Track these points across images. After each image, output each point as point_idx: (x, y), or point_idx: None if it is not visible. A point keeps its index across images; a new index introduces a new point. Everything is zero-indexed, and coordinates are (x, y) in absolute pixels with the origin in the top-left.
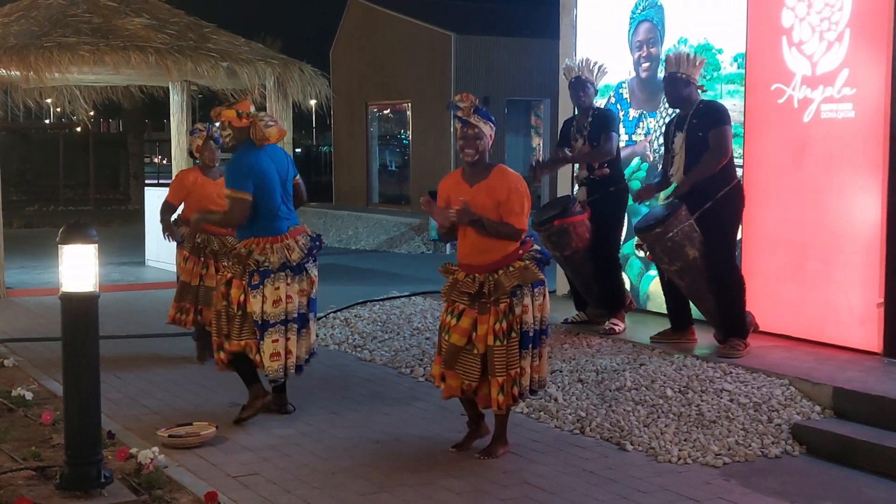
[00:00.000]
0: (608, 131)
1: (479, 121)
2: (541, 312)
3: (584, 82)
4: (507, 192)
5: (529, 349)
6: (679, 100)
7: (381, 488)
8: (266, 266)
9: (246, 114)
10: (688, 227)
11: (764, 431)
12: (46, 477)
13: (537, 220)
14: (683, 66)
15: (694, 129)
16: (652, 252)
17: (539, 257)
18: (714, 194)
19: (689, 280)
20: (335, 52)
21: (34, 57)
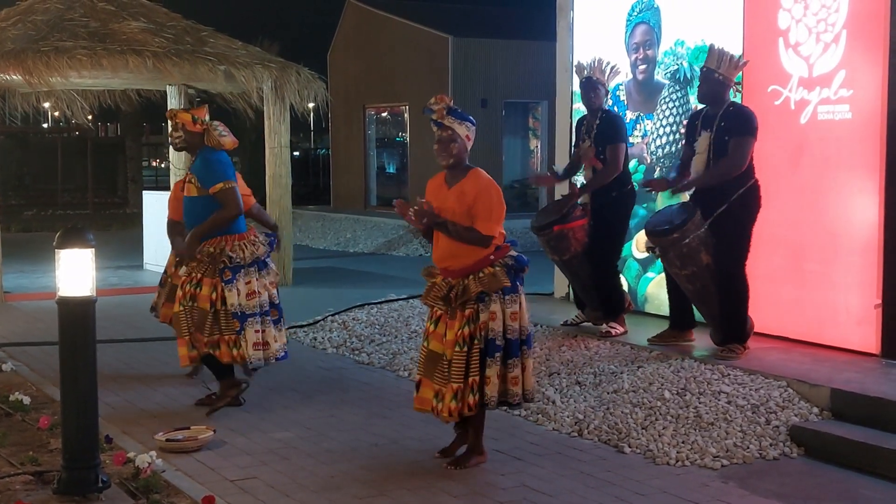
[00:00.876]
0: (615, 142)
1: (452, 122)
2: (515, 321)
3: (595, 83)
4: (474, 197)
5: (497, 358)
6: (711, 98)
7: (379, 492)
8: (237, 262)
9: (201, 120)
10: (703, 233)
11: (762, 433)
12: (44, 482)
13: (536, 224)
14: (724, 66)
15: (721, 132)
16: (664, 256)
17: (512, 264)
18: (729, 196)
19: (700, 285)
20: (332, 55)
21: (32, 61)
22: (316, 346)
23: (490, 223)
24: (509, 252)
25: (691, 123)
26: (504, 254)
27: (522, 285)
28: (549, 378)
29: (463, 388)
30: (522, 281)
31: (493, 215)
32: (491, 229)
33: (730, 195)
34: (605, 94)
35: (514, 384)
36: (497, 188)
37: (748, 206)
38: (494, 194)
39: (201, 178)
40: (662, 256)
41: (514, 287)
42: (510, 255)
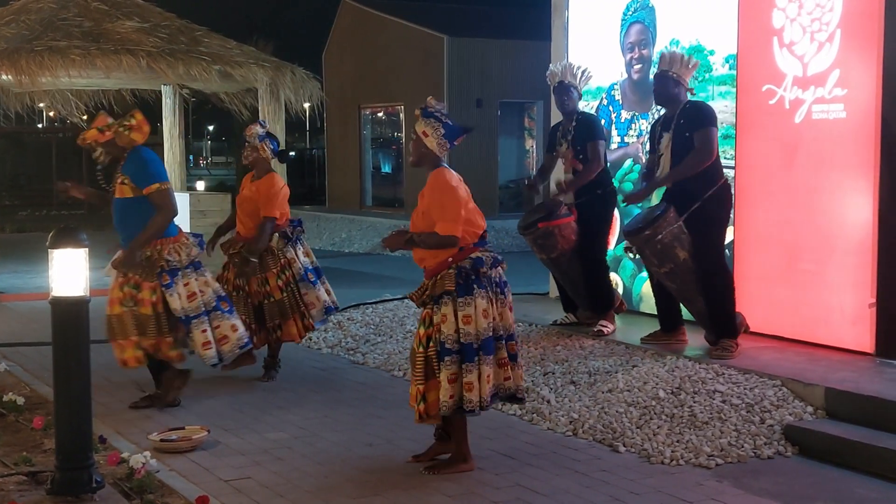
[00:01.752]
0: (593, 140)
1: (419, 122)
2: (469, 324)
3: (567, 87)
4: (428, 199)
5: (448, 362)
6: (667, 99)
7: (373, 492)
8: (175, 265)
9: (106, 126)
10: (676, 229)
11: (756, 432)
12: (38, 482)
13: (523, 223)
14: (676, 65)
15: (681, 129)
16: (642, 255)
17: (467, 267)
18: (701, 195)
19: (680, 282)
20: (327, 55)
21: (25, 61)
22: (311, 346)
23: (445, 223)
24: (470, 254)
25: (653, 129)
26: (464, 256)
27: (490, 288)
28: (543, 377)
29: (423, 390)
30: (490, 284)
31: (448, 214)
32: (448, 229)
33: (702, 194)
34: (578, 97)
35: (468, 390)
36: (449, 186)
37: (720, 204)
38: (446, 193)
39: (135, 177)
40: (641, 255)
41: (468, 290)
42: (469, 258)
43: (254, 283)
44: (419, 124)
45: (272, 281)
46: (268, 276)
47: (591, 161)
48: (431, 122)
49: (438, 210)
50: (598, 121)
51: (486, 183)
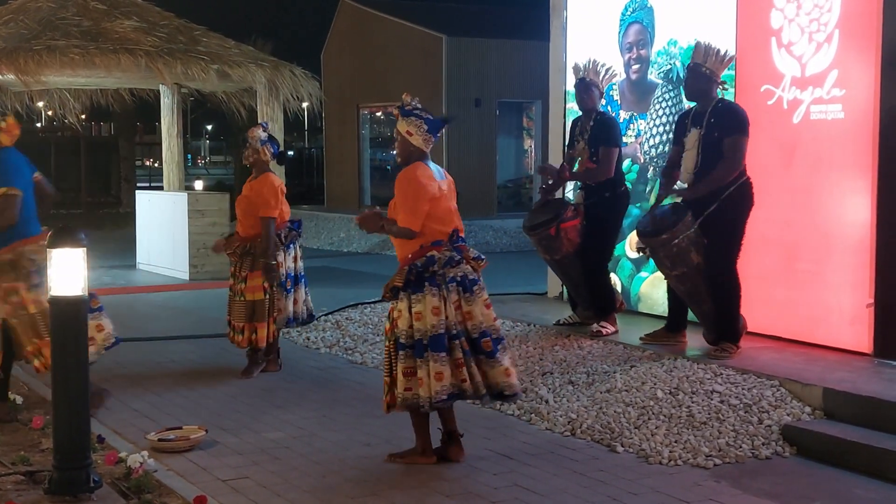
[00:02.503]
0: (608, 146)
1: (400, 121)
2: (420, 321)
3: (588, 84)
4: (395, 191)
5: (402, 356)
6: (698, 94)
7: (371, 492)
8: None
9: None
10: (693, 234)
11: (754, 433)
12: (35, 482)
13: (528, 224)
14: (711, 60)
15: (711, 128)
16: (654, 256)
17: (419, 265)
18: (719, 195)
19: (690, 285)
20: (326, 55)
21: (24, 60)
22: (309, 346)
23: (405, 215)
24: (426, 253)
25: (680, 122)
26: (422, 254)
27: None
28: (542, 377)
29: (389, 382)
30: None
31: (408, 207)
32: (407, 221)
33: (720, 193)
34: (600, 95)
35: (420, 386)
36: (416, 180)
37: (739, 203)
38: (411, 186)
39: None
40: (653, 257)
41: (419, 287)
42: (424, 256)
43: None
44: (401, 124)
45: (254, 281)
46: (249, 276)
47: (601, 165)
48: (413, 120)
49: (401, 202)
50: (617, 125)
51: (484, 183)
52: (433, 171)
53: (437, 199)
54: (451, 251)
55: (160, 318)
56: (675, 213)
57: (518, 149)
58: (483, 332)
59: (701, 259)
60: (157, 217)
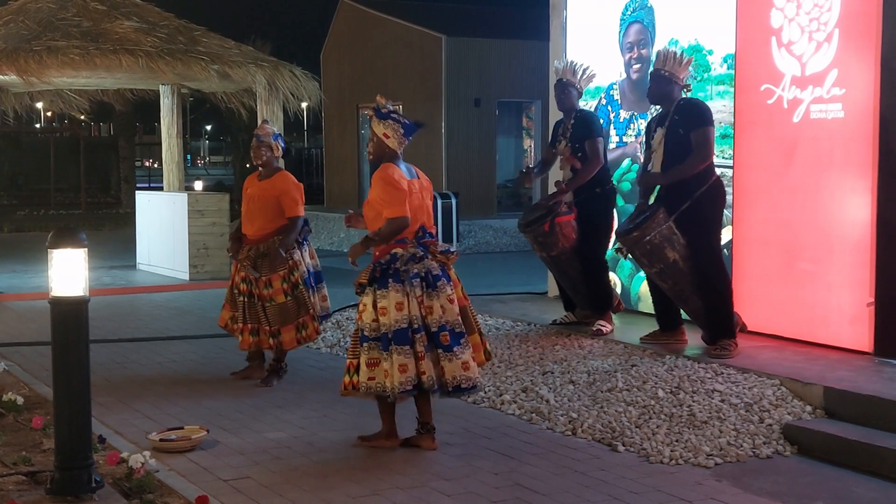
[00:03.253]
0: (591, 138)
1: (376, 123)
2: (384, 315)
3: (565, 85)
4: (373, 191)
5: (365, 347)
6: (660, 97)
7: (372, 491)
8: None
9: None
10: (666, 230)
11: (755, 432)
12: (37, 482)
13: (523, 221)
14: (669, 63)
15: (675, 125)
16: (632, 255)
17: (383, 262)
18: (691, 194)
19: (672, 282)
20: (326, 55)
21: (24, 60)
22: (310, 346)
23: (393, 207)
24: (390, 250)
25: (648, 128)
26: (386, 251)
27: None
28: (542, 377)
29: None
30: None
31: (394, 200)
32: (396, 212)
33: (693, 192)
34: (577, 95)
35: (384, 376)
36: (393, 179)
37: (712, 202)
38: (390, 184)
39: None
40: (632, 256)
41: (384, 283)
42: (388, 253)
43: (260, 285)
44: (378, 126)
45: (276, 283)
46: (272, 279)
47: (591, 159)
48: (390, 123)
49: (384, 199)
50: (597, 118)
51: (484, 182)
52: (403, 170)
53: (410, 194)
54: (416, 248)
55: (160, 319)
56: (647, 211)
57: (518, 148)
58: (442, 326)
59: (677, 256)
60: (157, 217)
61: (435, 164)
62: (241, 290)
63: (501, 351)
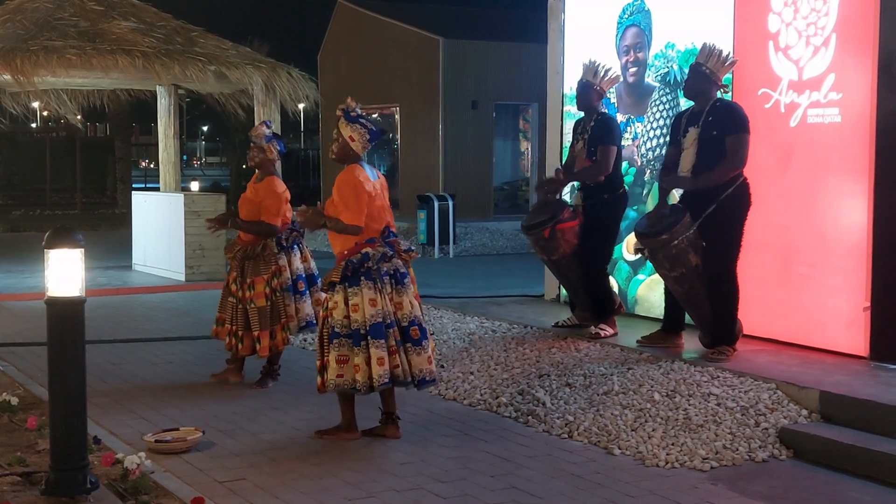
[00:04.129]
0: (606, 145)
1: (343, 124)
2: (356, 312)
3: (584, 85)
4: (336, 191)
5: (336, 344)
6: (697, 93)
7: (368, 493)
8: None
9: None
10: (692, 235)
11: (751, 435)
12: (32, 482)
13: (526, 223)
14: (712, 61)
15: (709, 126)
16: (652, 258)
17: (355, 261)
18: (717, 196)
19: (689, 286)
20: (323, 56)
21: (20, 60)
22: (305, 347)
23: (350, 213)
24: (361, 250)
25: (677, 121)
26: (357, 251)
27: (379, 281)
28: (539, 380)
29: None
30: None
31: (352, 206)
32: (352, 219)
33: (718, 195)
34: (598, 96)
35: (356, 371)
36: (357, 182)
37: (738, 205)
38: (353, 187)
39: None
40: (651, 258)
41: (356, 281)
42: (359, 253)
43: (244, 287)
44: (345, 129)
45: (259, 286)
46: (255, 282)
47: (599, 164)
48: (357, 127)
49: (345, 201)
50: (617, 125)
51: (481, 185)
52: (368, 172)
53: (373, 198)
54: (384, 247)
55: (156, 319)
56: (674, 215)
57: (515, 151)
58: (412, 320)
59: (699, 260)
60: (153, 218)
61: (432, 166)
62: (232, 290)
63: (498, 353)
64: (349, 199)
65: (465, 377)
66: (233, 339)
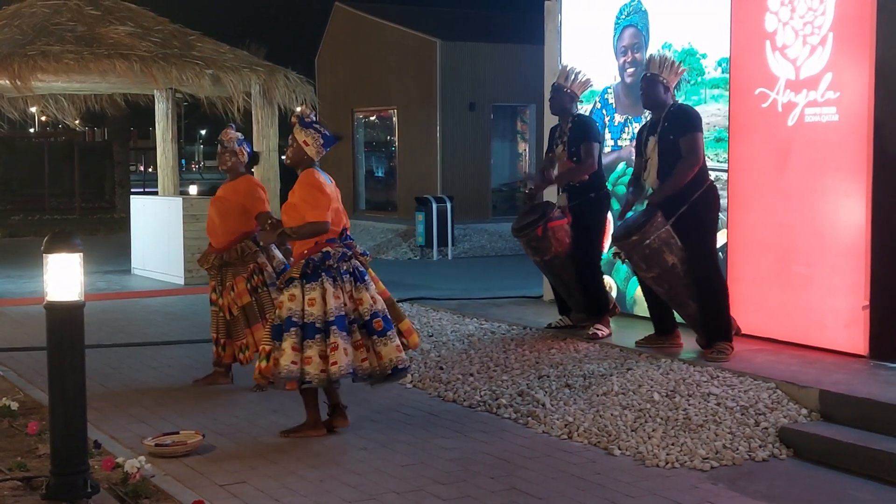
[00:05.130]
0: (588, 141)
1: (298, 130)
2: (312, 306)
3: (556, 89)
4: (298, 195)
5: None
6: (654, 102)
7: (368, 496)
8: None
9: None
10: (664, 234)
11: (751, 435)
12: (32, 487)
13: (516, 225)
14: (665, 70)
15: (666, 132)
16: (630, 260)
17: (316, 259)
18: (688, 197)
19: (668, 286)
20: (320, 59)
21: (18, 65)
22: None
23: (316, 211)
24: (321, 249)
25: (639, 135)
26: (317, 249)
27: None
28: (538, 381)
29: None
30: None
31: (318, 205)
32: (318, 216)
33: (689, 195)
34: (570, 99)
35: (307, 363)
36: (318, 184)
37: (708, 205)
38: (315, 189)
39: None
40: (629, 260)
41: (316, 277)
42: (320, 252)
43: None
44: (299, 134)
45: (240, 285)
46: (236, 282)
47: (584, 161)
48: (311, 132)
49: (309, 202)
50: (594, 123)
51: (479, 186)
52: (324, 177)
53: (331, 200)
54: (343, 247)
55: (155, 323)
56: (645, 215)
57: (512, 153)
58: (374, 313)
59: (676, 259)
60: (152, 222)
61: (430, 167)
62: (212, 299)
63: (497, 355)
64: (311, 198)
65: (464, 379)
66: (217, 347)
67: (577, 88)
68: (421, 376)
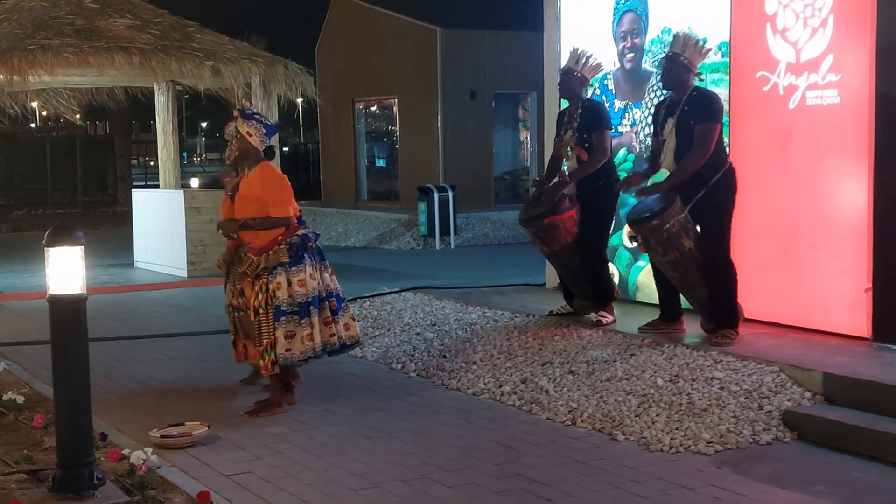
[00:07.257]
0: (600, 129)
1: (240, 123)
2: (302, 287)
3: (565, 72)
4: (261, 189)
5: (283, 321)
6: (675, 83)
7: (374, 484)
8: None
9: None
10: (683, 219)
11: (755, 418)
12: (39, 480)
13: (524, 216)
14: (689, 50)
15: (685, 116)
16: (646, 244)
17: (296, 242)
18: (707, 181)
19: (683, 271)
20: (320, 49)
21: (17, 59)
22: None
23: (280, 207)
24: (297, 231)
25: (657, 113)
26: (293, 233)
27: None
28: (542, 367)
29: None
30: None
31: (282, 199)
32: (283, 212)
33: (707, 180)
34: (580, 83)
35: (310, 340)
36: (280, 177)
37: (726, 190)
38: (278, 183)
39: None
40: (645, 244)
41: (300, 259)
42: (297, 235)
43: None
44: (242, 125)
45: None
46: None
47: (597, 151)
48: (254, 123)
49: (274, 196)
50: (605, 108)
51: (481, 175)
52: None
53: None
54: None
55: (159, 316)
56: (665, 199)
57: (515, 140)
58: (329, 292)
59: (692, 244)
60: (154, 215)
61: (432, 156)
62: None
63: (500, 342)
64: (276, 194)
65: (468, 367)
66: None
67: (588, 72)
68: (425, 365)
